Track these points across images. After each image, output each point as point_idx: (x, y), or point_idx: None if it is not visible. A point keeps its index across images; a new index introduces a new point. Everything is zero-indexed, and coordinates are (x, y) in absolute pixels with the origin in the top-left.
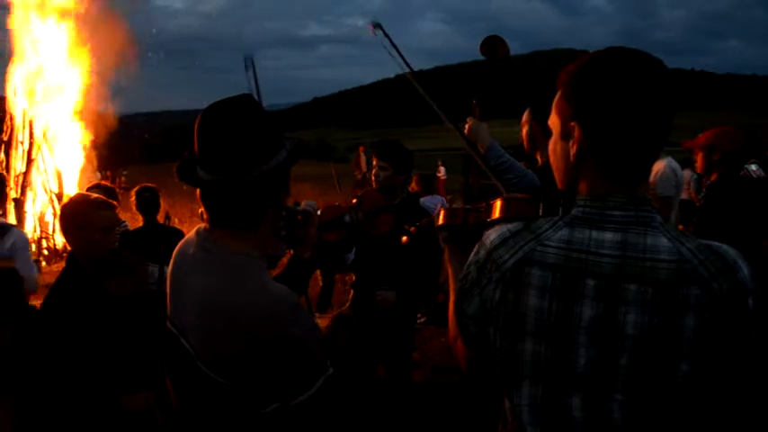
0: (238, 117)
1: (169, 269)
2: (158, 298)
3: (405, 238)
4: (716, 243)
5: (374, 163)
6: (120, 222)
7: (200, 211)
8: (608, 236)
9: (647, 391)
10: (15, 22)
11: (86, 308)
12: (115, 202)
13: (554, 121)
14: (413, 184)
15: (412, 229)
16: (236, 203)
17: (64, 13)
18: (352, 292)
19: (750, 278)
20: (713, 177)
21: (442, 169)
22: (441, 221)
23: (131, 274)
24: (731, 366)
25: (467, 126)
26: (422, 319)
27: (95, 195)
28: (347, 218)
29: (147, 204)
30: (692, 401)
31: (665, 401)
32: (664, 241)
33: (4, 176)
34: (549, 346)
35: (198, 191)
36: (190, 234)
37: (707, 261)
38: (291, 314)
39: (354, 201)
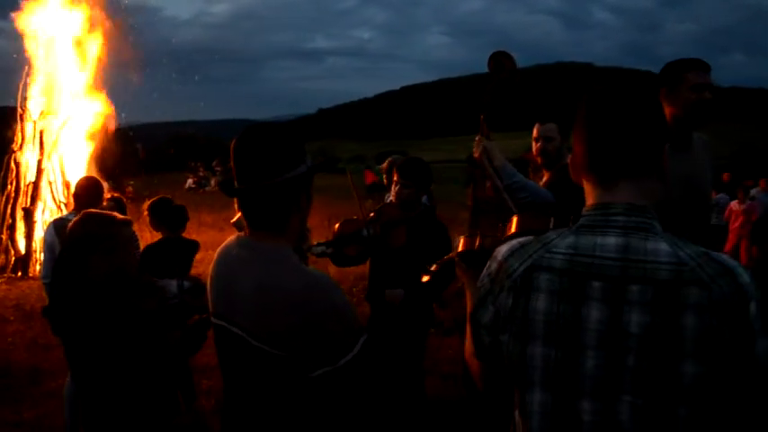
0: (263, 137)
1: (211, 273)
2: (181, 311)
3: (425, 278)
4: (714, 252)
5: (395, 179)
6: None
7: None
8: (611, 240)
9: (655, 392)
10: (26, 33)
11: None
12: (131, 219)
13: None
14: (370, 178)
15: (433, 267)
16: (263, 208)
17: (73, 25)
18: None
19: (752, 286)
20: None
21: None
22: (460, 248)
23: (152, 291)
24: (736, 371)
25: (478, 148)
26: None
27: (119, 215)
28: (365, 232)
29: (174, 217)
30: (701, 404)
31: (672, 403)
32: (663, 246)
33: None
34: (558, 349)
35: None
36: (228, 243)
37: (705, 265)
38: (331, 288)
39: (372, 215)
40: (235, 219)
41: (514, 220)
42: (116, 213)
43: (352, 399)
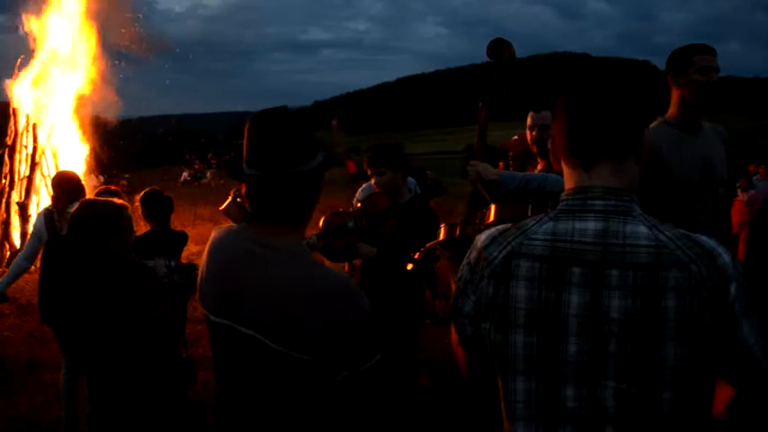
0: (286, 122)
1: (207, 269)
2: (173, 289)
3: (410, 266)
4: (694, 233)
5: (369, 173)
6: None
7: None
8: (590, 225)
9: (638, 376)
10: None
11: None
12: (126, 203)
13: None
14: (352, 167)
15: (416, 255)
16: (281, 198)
17: (67, 18)
18: None
19: (732, 265)
20: None
21: None
22: (441, 237)
23: (147, 274)
24: (719, 352)
25: (474, 170)
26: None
27: (119, 200)
28: (350, 224)
29: (161, 209)
30: (685, 387)
31: (656, 387)
32: (642, 229)
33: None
34: (540, 336)
35: (243, 189)
36: (224, 235)
37: (684, 247)
38: (359, 291)
39: (359, 205)
40: (224, 206)
41: (492, 208)
42: (113, 198)
43: (369, 402)
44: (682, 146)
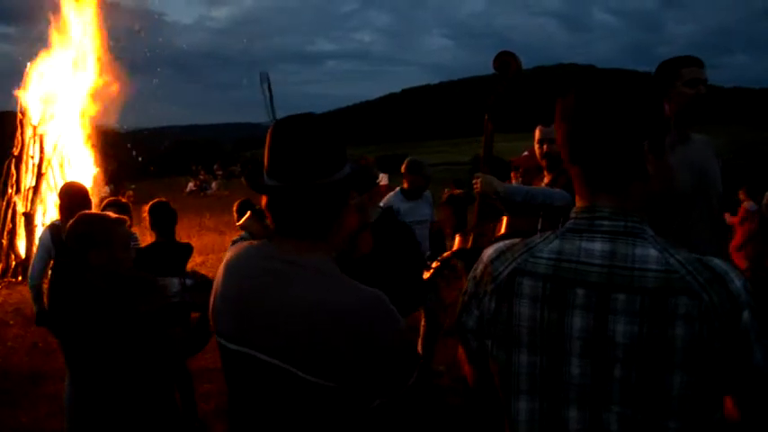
0: (310, 130)
1: (222, 290)
2: (184, 309)
3: (427, 274)
4: (706, 257)
5: None
6: (132, 236)
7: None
8: (597, 246)
9: (644, 402)
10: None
11: (113, 325)
12: (126, 217)
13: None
14: None
15: (433, 264)
16: (305, 212)
17: (75, 29)
18: None
19: (744, 291)
20: None
21: (381, 175)
22: (455, 247)
23: (151, 290)
24: (729, 381)
25: (479, 182)
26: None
27: (113, 214)
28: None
29: (166, 220)
30: (692, 417)
31: (662, 415)
32: (652, 252)
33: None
34: (543, 356)
35: (264, 201)
36: (242, 253)
37: (695, 272)
38: (392, 309)
39: None
40: (243, 221)
41: (504, 220)
42: (110, 213)
43: (403, 428)
44: (673, 156)
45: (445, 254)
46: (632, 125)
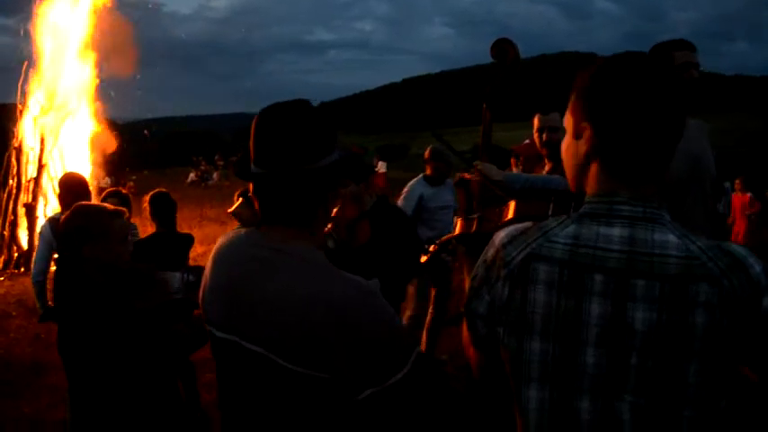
0: (295, 115)
1: (211, 277)
2: (185, 306)
3: (424, 258)
4: (725, 242)
5: None
6: (131, 228)
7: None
8: (616, 231)
9: (659, 392)
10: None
11: (109, 322)
12: (124, 209)
13: (568, 121)
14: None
15: (432, 247)
16: (289, 198)
17: (73, 21)
18: None
19: (764, 276)
20: None
21: (380, 164)
22: (457, 232)
23: (151, 285)
24: (748, 364)
25: (477, 170)
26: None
27: (110, 206)
28: (330, 243)
29: (166, 210)
30: (708, 405)
31: (678, 404)
32: (672, 238)
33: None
34: (557, 344)
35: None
36: (231, 240)
37: (716, 258)
38: (381, 298)
39: (330, 225)
40: (233, 208)
41: (512, 205)
42: (107, 204)
43: (403, 420)
44: None
45: (444, 237)
46: (671, 123)
